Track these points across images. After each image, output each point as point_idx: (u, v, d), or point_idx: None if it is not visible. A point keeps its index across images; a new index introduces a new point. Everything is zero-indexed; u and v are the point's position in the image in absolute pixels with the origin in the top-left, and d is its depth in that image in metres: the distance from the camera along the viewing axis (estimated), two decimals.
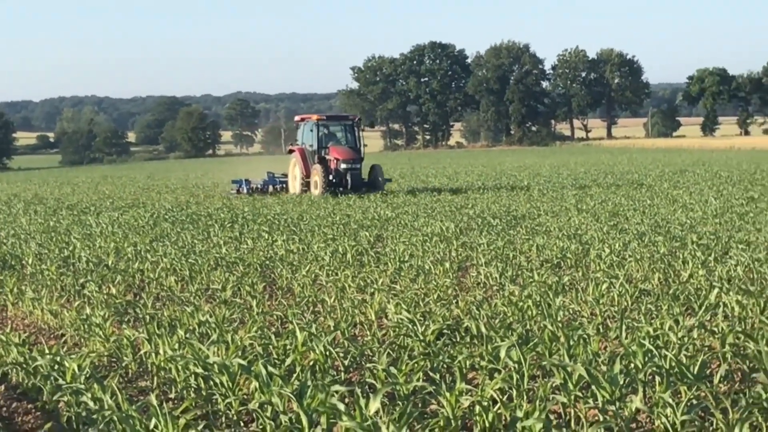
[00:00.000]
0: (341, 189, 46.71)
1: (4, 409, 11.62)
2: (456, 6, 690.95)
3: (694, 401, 9.94)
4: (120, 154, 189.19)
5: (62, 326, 15.98)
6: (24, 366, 12.52)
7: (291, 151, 50.49)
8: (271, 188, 51.70)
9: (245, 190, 51.37)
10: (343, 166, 47.19)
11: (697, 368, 10.57)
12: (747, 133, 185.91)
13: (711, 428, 9.64)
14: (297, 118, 52.60)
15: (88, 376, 11.06)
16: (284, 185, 51.25)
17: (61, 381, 11.19)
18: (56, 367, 11.69)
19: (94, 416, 10.07)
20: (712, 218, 30.10)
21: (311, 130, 48.68)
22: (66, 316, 16.11)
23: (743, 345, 12.10)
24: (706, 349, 12.25)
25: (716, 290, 15.70)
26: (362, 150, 49.60)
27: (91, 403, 10.26)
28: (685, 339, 12.12)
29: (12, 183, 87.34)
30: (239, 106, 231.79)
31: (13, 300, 18.42)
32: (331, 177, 46.78)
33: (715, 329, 13.14)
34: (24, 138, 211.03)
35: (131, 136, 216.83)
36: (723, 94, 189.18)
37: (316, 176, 46.90)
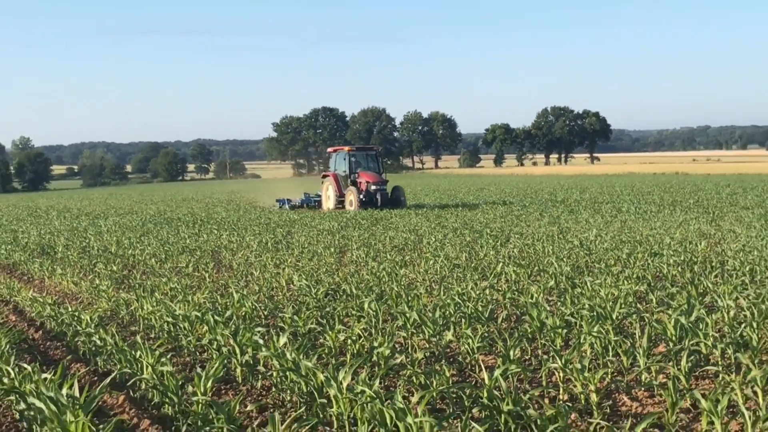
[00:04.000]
0: (367, 205, 39.09)
1: (41, 345, 11.35)
2: (340, 82, 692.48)
3: (486, 334, 10.07)
4: (121, 179, 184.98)
5: (80, 292, 15.63)
6: (54, 318, 12.33)
7: (325, 176, 41.97)
8: (306, 206, 42.90)
9: (287, 207, 42.74)
10: (372, 187, 39.55)
11: (488, 313, 10.74)
12: (522, 165, 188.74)
13: (496, 351, 9.80)
14: (330, 149, 44.06)
15: (96, 324, 10.85)
16: (318, 203, 42.57)
17: (78, 328, 10.97)
18: (75, 318, 11.49)
19: (101, 350, 9.92)
20: (500, 218, 30.54)
21: (344, 159, 41.17)
22: (83, 285, 15.77)
23: (517, 298, 12.29)
24: (494, 301, 12.42)
25: (501, 264, 15.96)
26: (384, 174, 41.78)
27: (98, 342, 10.08)
28: (481, 295, 12.27)
29: (49, 199, 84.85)
30: (199, 148, 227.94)
31: (48, 275, 17.98)
32: (361, 197, 39.12)
33: (500, 288, 13.35)
34: (57, 169, 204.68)
35: (129, 168, 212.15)
36: (507, 140, 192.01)
37: (351, 196, 39.38)
